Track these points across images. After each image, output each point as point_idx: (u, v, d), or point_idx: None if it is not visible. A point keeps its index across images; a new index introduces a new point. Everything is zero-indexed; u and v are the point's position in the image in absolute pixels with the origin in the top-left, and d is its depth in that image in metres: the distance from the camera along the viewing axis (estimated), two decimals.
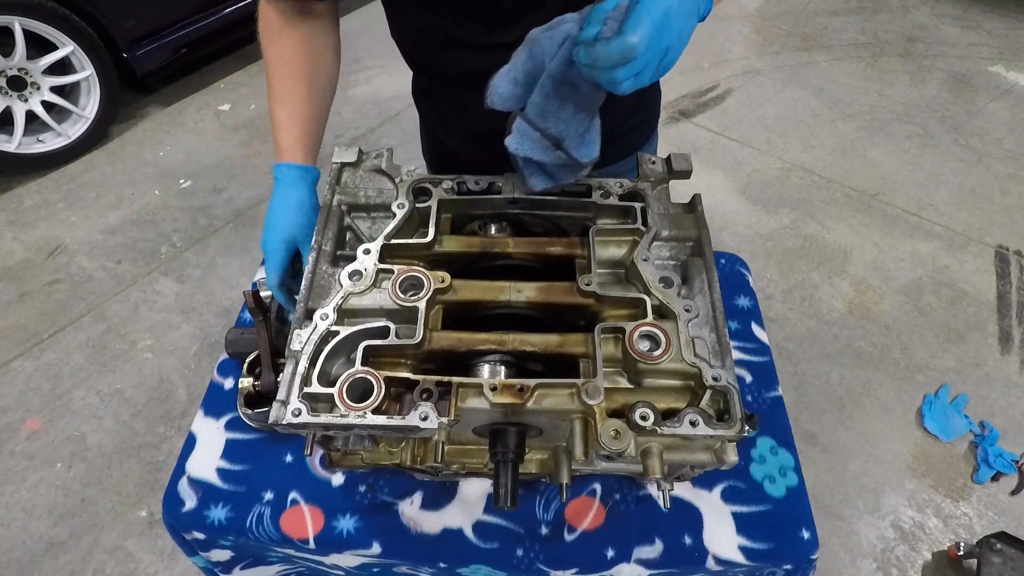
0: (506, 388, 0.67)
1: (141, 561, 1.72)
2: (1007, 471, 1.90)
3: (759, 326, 1.13)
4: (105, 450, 1.95)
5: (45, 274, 2.47)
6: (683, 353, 0.70)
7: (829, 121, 3.26)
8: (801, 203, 2.79)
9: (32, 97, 2.75)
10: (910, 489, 1.89)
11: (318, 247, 0.80)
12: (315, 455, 0.93)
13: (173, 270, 2.50)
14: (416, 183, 0.83)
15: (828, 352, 2.23)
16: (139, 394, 2.09)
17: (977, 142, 3.12)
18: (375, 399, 0.65)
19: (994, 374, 2.17)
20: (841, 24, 4.01)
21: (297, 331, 0.71)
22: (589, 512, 0.89)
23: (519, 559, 0.85)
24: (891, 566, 1.74)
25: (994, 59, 3.69)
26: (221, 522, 0.88)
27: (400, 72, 1.13)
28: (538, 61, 0.66)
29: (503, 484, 0.68)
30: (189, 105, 3.34)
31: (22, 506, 1.83)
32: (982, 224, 2.70)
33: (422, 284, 0.74)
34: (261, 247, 0.92)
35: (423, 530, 0.87)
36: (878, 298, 2.41)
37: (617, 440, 0.63)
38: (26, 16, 2.57)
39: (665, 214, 0.82)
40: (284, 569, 0.98)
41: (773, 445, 0.96)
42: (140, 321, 2.31)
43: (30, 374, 2.14)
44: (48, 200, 2.78)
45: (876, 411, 2.07)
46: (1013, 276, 2.49)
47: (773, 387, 1.04)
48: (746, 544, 0.86)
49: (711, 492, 0.91)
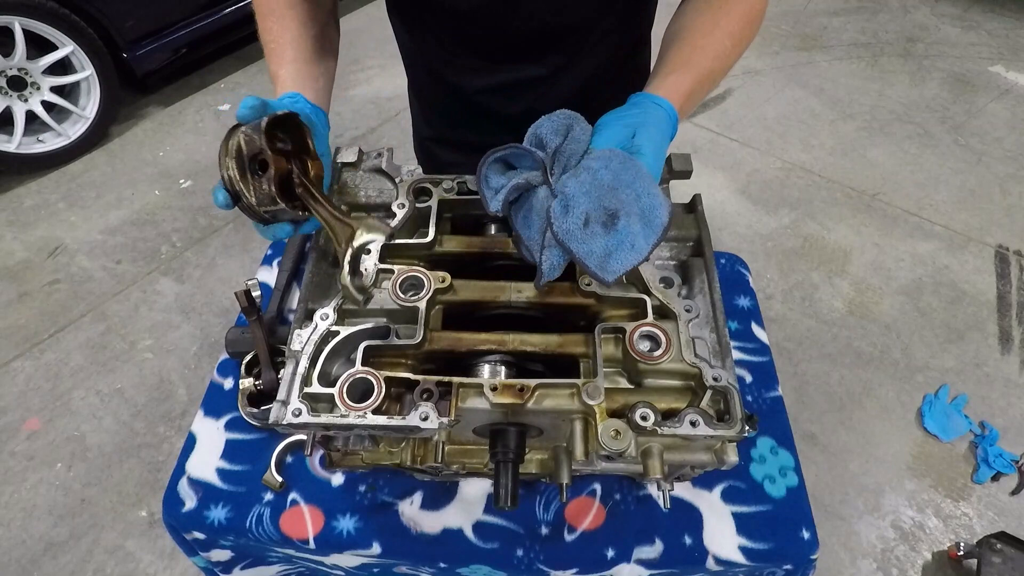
0: (506, 388, 0.67)
1: (141, 561, 1.72)
2: (1007, 471, 1.90)
3: (759, 326, 1.13)
4: (105, 450, 1.95)
5: (45, 274, 2.47)
6: (683, 353, 0.70)
7: (829, 121, 3.26)
8: (801, 203, 2.79)
9: (32, 97, 2.75)
10: (910, 489, 1.89)
11: (318, 247, 0.80)
12: (315, 455, 0.93)
13: (173, 270, 2.50)
14: (416, 183, 0.83)
15: (828, 352, 2.23)
16: (139, 394, 2.09)
17: (977, 142, 3.12)
18: (375, 399, 0.65)
19: (994, 374, 2.17)
20: (841, 24, 4.01)
21: (297, 331, 0.71)
22: (589, 512, 0.89)
23: (519, 559, 0.85)
24: (891, 566, 1.74)
25: (994, 59, 3.69)
26: (221, 522, 0.88)
27: (401, 73, 1.14)
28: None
29: (503, 484, 0.68)
30: (189, 105, 3.34)
31: (22, 506, 1.82)
32: (982, 224, 2.70)
33: (422, 284, 0.74)
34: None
35: (423, 530, 0.87)
36: (878, 298, 2.41)
37: (617, 440, 0.63)
38: (26, 16, 2.57)
39: None
40: (284, 569, 0.98)
41: (773, 445, 0.96)
42: (140, 321, 2.31)
43: (30, 374, 2.14)
44: (48, 200, 2.78)
45: (876, 411, 2.07)
46: (1013, 276, 2.49)
47: (773, 387, 1.04)
48: (746, 544, 0.86)
49: (711, 492, 0.91)
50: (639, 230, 0.61)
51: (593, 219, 0.61)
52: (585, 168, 0.64)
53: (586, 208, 0.61)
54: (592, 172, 0.63)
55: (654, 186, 0.63)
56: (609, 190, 0.61)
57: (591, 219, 0.61)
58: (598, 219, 0.61)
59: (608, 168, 0.63)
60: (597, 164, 0.64)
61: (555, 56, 0.94)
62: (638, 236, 0.61)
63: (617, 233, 0.60)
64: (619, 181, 0.62)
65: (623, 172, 0.62)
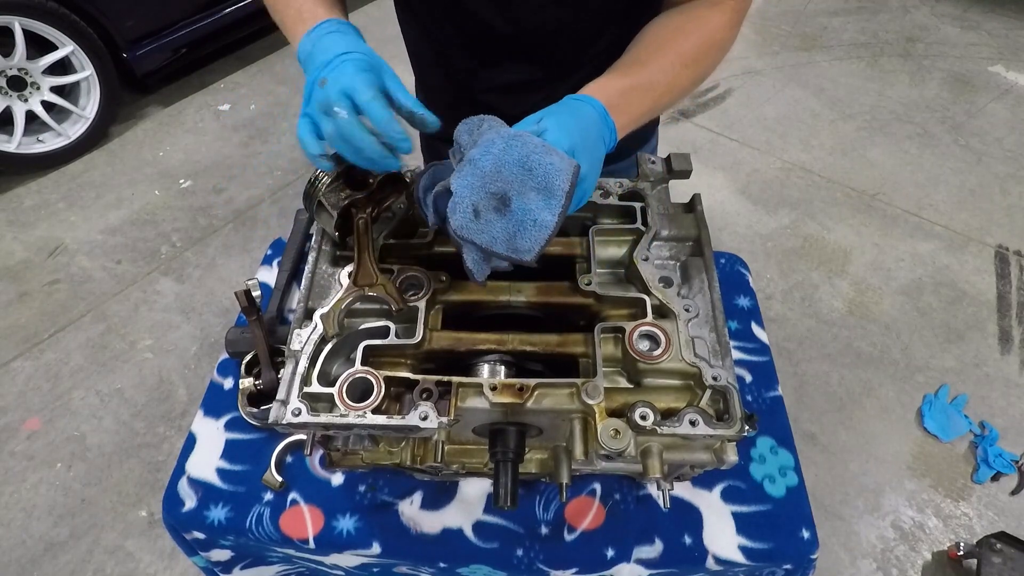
0: (506, 388, 0.67)
1: (141, 561, 1.72)
2: (1007, 471, 1.90)
3: (759, 326, 1.13)
4: (105, 450, 1.95)
5: (45, 274, 2.47)
6: (683, 353, 0.70)
7: (829, 121, 3.26)
8: (801, 203, 2.79)
9: (32, 97, 2.75)
10: (910, 489, 1.89)
11: (318, 247, 0.80)
12: (315, 455, 0.93)
13: (173, 270, 2.50)
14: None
15: (828, 352, 2.23)
16: (139, 394, 2.09)
17: (977, 142, 3.12)
18: (375, 399, 0.65)
19: (994, 374, 2.17)
20: (841, 24, 4.01)
21: (297, 331, 0.71)
22: (589, 512, 0.89)
23: (519, 559, 0.85)
24: (891, 566, 1.74)
25: (994, 59, 3.69)
26: (221, 522, 0.88)
27: (403, 71, 1.14)
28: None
29: (503, 484, 0.68)
30: (189, 105, 3.34)
31: (22, 506, 1.83)
32: (982, 224, 2.70)
33: (422, 284, 0.75)
34: (322, 101, 0.63)
35: (423, 530, 0.87)
36: (878, 298, 2.41)
37: (617, 440, 0.63)
38: (26, 16, 2.57)
39: (665, 214, 0.82)
40: (284, 569, 0.98)
41: (773, 445, 0.96)
42: (140, 321, 2.31)
43: (30, 374, 2.14)
44: (48, 200, 2.78)
45: (876, 411, 2.07)
46: (1013, 276, 2.49)
47: (773, 387, 1.04)
48: (746, 544, 0.86)
49: (711, 492, 0.91)
50: (538, 203, 0.59)
51: (483, 207, 0.59)
52: (468, 160, 0.61)
53: (471, 200, 0.59)
54: (473, 163, 0.61)
55: (549, 155, 0.60)
56: (492, 175, 0.59)
57: (480, 208, 0.59)
58: (488, 206, 0.59)
59: (489, 153, 0.60)
60: (478, 152, 0.61)
61: (562, 57, 0.94)
62: (539, 210, 0.59)
63: (512, 214, 0.59)
64: (501, 163, 0.59)
65: (506, 153, 0.60)
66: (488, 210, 0.60)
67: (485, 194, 0.60)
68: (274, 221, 2.70)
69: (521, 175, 0.59)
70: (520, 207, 0.59)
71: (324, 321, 0.70)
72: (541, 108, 0.69)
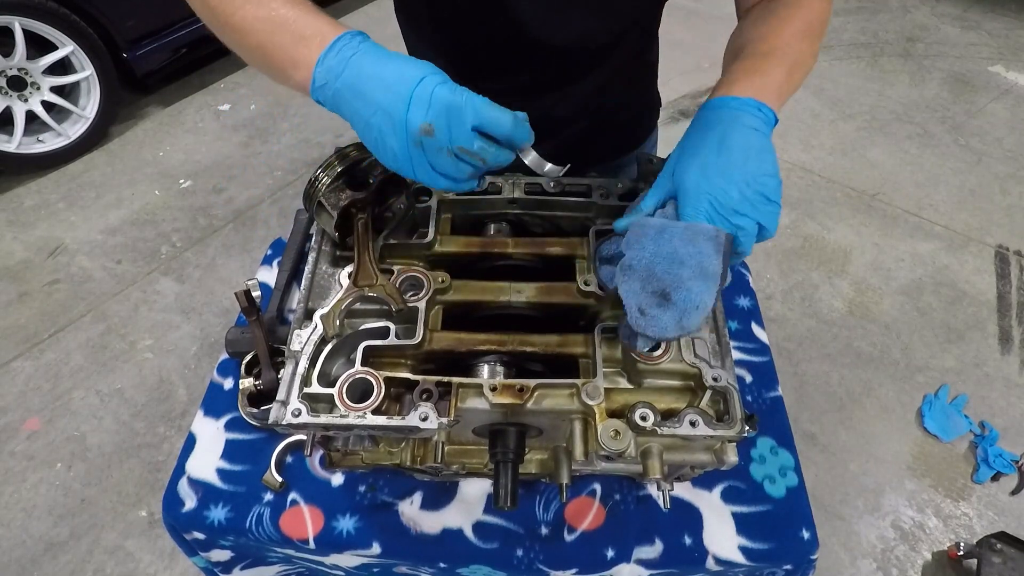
0: (506, 388, 0.67)
1: (141, 561, 1.72)
2: (1007, 471, 1.90)
3: (759, 326, 1.13)
4: (105, 450, 1.95)
5: (45, 274, 2.47)
6: (683, 353, 0.70)
7: (829, 121, 3.26)
8: (801, 203, 2.79)
9: (32, 97, 2.75)
10: (910, 489, 1.89)
11: (318, 247, 0.80)
12: (315, 455, 0.93)
13: (173, 270, 2.50)
14: (416, 182, 0.83)
15: (828, 352, 2.23)
16: (139, 394, 2.09)
17: (977, 142, 3.12)
18: (375, 399, 0.65)
19: (994, 374, 2.17)
20: (841, 24, 4.01)
21: (297, 331, 0.71)
22: (589, 512, 0.89)
23: (519, 559, 0.85)
24: (891, 566, 1.74)
25: (994, 59, 3.69)
26: (221, 522, 0.88)
27: None
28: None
29: (503, 484, 0.68)
30: (189, 105, 3.34)
31: (22, 506, 1.83)
32: (982, 224, 2.70)
33: (422, 284, 0.75)
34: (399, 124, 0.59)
35: (423, 530, 0.87)
36: (878, 298, 2.41)
37: (617, 440, 0.63)
38: (26, 16, 2.57)
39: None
40: (284, 569, 0.98)
41: (773, 445, 0.96)
42: (140, 321, 2.31)
43: (30, 374, 2.14)
44: (48, 200, 2.78)
45: (876, 411, 2.07)
46: (1013, 276, 2.49)
47: (773, 387, 1.04)
48: (746, 544, 0.86)
49: (711, 492, 0.91)
50: (697, 288, 0.61)
51: (646, 305, 0.62)
52: (623, 267, 0.64)
53: (635, 304, 0.62)
54: (629, 269, 0.63)
55: (695, 242, 0.62)
56: (648, 278, 0.62)
57: (644, 308, 0.62)
58: (651, 303, 0.62)
59: (640, 257, 0.63)
60: (631, 257, 0.64)
61: (570, 65, 0.94)
62: (699, 294, 0.61)
63: (675, 305, 0.61)
64: (653, 263, 0.62)
65: (656, 255, 0.62)
66: (652, 306, 0.62)
67: (646, 295, 0.62)
68: (274, 221, 2.70)
69: (674, 269, 0.61)
70: (681, 299, 0.61)
71: (324, 321, 0.70)
72: (552, 111, 0.67)
